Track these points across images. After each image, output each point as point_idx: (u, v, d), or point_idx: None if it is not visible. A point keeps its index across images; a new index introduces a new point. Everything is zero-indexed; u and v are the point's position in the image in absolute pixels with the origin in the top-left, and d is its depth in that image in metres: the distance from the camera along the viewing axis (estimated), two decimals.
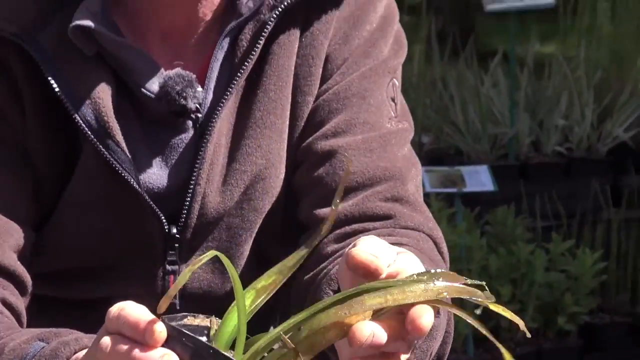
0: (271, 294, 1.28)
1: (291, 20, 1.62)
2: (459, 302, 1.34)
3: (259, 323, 1.49)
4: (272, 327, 1.70)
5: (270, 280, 1.30)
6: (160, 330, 1.15)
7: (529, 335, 1.23)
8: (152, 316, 1.16)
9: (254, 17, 1.60)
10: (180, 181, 1.61)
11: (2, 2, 1.56)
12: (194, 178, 1.59)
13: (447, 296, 1.20)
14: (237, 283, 1.24)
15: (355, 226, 1.56)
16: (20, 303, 1.54)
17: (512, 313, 1.21)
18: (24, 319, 1.54)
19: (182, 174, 1.61)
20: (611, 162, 4.77)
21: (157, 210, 1.59)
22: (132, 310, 1.18)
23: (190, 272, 1.18)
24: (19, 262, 1.54)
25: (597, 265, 4.31)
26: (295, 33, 1.62)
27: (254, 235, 1.64)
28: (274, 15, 1.59)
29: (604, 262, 4.40)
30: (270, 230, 1.63)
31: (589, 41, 4.97)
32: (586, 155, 4.74)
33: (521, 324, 1.19)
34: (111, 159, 1.55)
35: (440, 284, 1.22)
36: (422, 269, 1.25)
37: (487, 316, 3.92)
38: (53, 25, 1.56)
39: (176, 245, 1.62)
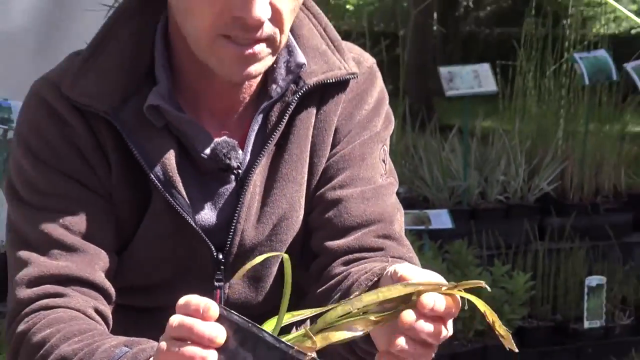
0: (300, 318, 1.30)
1: (309, 102, 1.62)
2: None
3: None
4: (295, 329, 1.70)
5: (304, 313, 1.32)
6: (215, 309, 1.19)
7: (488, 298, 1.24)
8: (210, 301, 1.19)
9: (281, 99, 1.60)
10: (225, 220, 1.61)
11: (96, 88, 1.56)
12: (235, 218, 1.60)
13: (423, 289, 1.23)
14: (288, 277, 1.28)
15: (356, 255, 1.58)
16: (108, 310, 1.55)
17: (472, 296, 1.26)
18: (110, 322, 1.55)
19: (227, 214, 1.61)
20: (538, 207, 4.77)
21: (208, 241, 1.60)
22: (196, 297, 1.21)
23: (260, 259, 1.30)
24: (106, 279, 1.55)
25: (527, 284, 4.31)
26: (312, 111, 1.63)
27: (279, 260, 1.64)
28: (296, 98, 1.60)
29: (533, 281, 4.39)
30: (291, 257, 1.63)
31: (522, 118, 4.97)
32: (520, 202, 4.74)
33: (482, 283, 1.25)
34: (174, 204, 1.56)
35: (416, 282, 1.26)
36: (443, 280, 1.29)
37: None
38: (132, 104, 1.57)
39: (222, 267, 1.62)
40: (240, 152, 1.59)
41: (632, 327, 4.52)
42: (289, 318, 1.30)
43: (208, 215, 1.61)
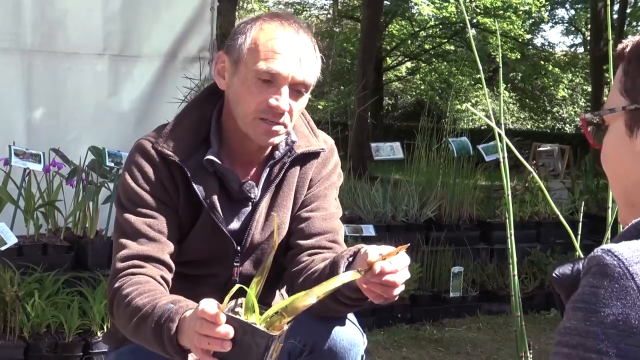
0: (263, 283, 1.25)
1: (296, 163, 1.64)
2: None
3: (268, 292, 1.46)
4: (277, 291, 1.66)
5: (259, 277, 1.25)
6: (223, 318, 1.17)
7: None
8: (217, 311, 1.17)
9: (280, 160, 1.61)
10: (243, 227, 1.61)
11: (175, 146, 1.56)
12: (249, 226, 1.58)
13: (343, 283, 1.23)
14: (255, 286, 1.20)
15: (316, 250, 1.60)
16: (169, 277, 1.55)
17: (386, 256, 1.25)
18: (170, 284, 1.55)
19: (245, 224, 1.61)
20: (425, 226, 4.76)
21: (232, 239, 1.58)
22: (209, 309, 1.18)
23: (236, 289, 1.17)
24: (170, 259, 1.55)
25: (418, 270, 4.29)
26: (297, 168, 1.64)
27: (272, 250, 1.62)
28: (289, 160, 1.60)
29: (421, 268, 4.37)
30: (280, 249, 1.63)
31: (417, 174, 4.98)
32: (415, 222, 4.73)
33: (406, 246, 1.27)
34: (214, 218, 1.55)
35: (340, 281, 1.22)
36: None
37: None
38: (194, 157, 1.57)
39: (239, 254, 1.61)
40: (256, 189, 1.59)
41: (477, 297, 4.52)
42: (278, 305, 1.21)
43: (234, 224, 1.61)
